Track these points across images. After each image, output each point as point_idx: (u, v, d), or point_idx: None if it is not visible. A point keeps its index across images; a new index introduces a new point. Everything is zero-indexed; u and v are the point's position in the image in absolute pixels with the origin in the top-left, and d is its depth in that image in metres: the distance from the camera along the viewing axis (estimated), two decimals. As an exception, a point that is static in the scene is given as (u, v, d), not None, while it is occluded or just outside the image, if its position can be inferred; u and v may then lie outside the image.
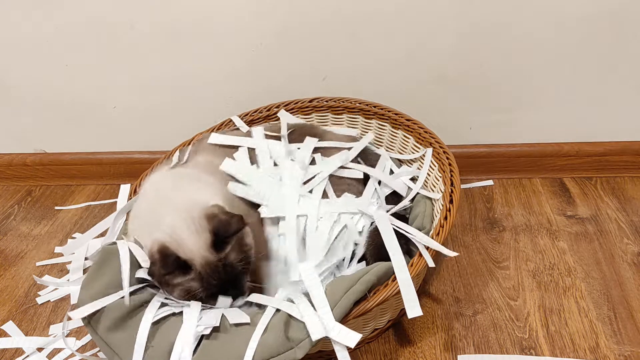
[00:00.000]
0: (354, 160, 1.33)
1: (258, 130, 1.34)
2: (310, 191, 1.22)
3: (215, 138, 1.32)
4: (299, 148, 1.32)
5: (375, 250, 1.15)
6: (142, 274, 1.06)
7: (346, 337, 0.93)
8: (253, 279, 1.08)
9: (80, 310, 0.98)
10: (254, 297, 1.04)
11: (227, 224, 1.02)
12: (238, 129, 1.46)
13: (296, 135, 1.36)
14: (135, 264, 1.08)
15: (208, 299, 1.03)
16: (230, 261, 1.01)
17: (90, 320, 1.00)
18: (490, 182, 1.63)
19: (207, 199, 1.08)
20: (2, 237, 1.58)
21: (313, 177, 1.25)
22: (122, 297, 1.02)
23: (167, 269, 1.01)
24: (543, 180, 1.63)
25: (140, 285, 1.06)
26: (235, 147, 1.31)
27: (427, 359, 1.12)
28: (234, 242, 1.03)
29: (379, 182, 1.32)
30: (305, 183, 1.23)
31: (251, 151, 1.30)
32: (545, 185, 1.61)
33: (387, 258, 1.08)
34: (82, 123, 1.71)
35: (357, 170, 1.29)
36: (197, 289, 1.01)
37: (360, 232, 1.18)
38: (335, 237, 1.15)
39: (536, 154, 1.62)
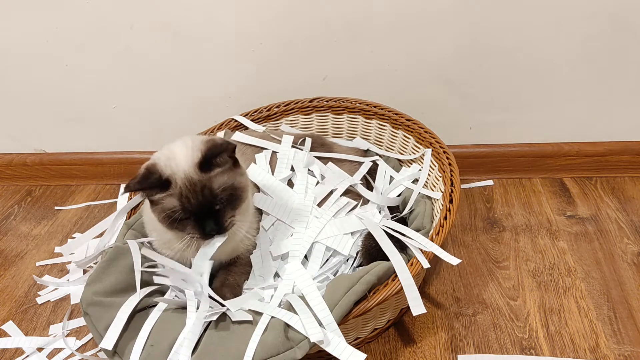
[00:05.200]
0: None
1: (288, 139, 1.36)
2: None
3: (240, 137, 1.36)
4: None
5: (367, 254, 1.16)
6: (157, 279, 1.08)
7: (351, 357, 0.92)
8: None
9: (106, 339, 0.98)
10: (251, 304, 1.04)
11: (219, 145, 1.03)
12: (240, 128, 1.47)
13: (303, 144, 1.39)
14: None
15: (191, 227, 1.03)
16: (211, 185, 1.02)
17: (92, 317, 1.01)
18: (490, 182, 1.63)
19: None
20: (2, 237, 1.58)
21: (327, 193, 1.28)
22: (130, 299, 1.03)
23: (143, 184, 1.01)
24: (543, 180, 1.63)
25: (150, 289, 1.06)
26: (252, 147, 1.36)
27: (428, 359, 1.11)
28: (221, 169, 1.03)
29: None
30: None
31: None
32: (545, 185, 1.61)
33: (378, 258, 1.08)
34: (82, 123, 1.71)
35: (359, 189, 1.32)
36: (175, 206, 1.01)
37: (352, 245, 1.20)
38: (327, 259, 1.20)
39: (536, 154, 1.62)
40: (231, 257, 1.18)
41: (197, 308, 1.02)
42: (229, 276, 1.16)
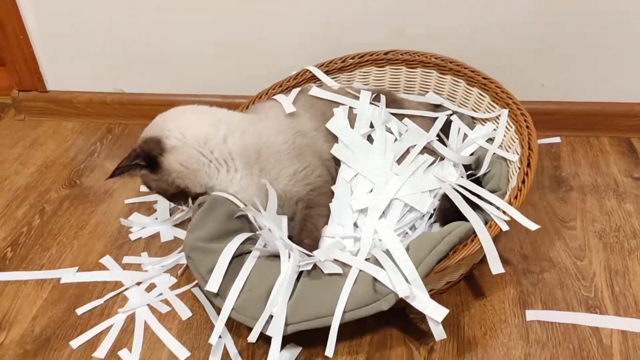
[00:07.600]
0: None
1: (366, 95, 1.39)
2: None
3: (318, 92, 1.42)
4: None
5: (442, 215, 1.22)
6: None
7: (434, 312, 1.00)
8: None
9: (211, 282, 1.08)
10: (339, 255, 1.11)
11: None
12: (312, 80, 1.52)
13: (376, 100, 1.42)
14: (232, 215, 1.18)
15: None
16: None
17: (194, 261, 1.11)
18: (557, 139, 1.65)
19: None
20: (90, 174, 1.67)
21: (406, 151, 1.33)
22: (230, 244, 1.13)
23: None
24: (611, 139, 1.64)
25: (246, 236, 1.16)
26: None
27: (497, 312, 1.19)
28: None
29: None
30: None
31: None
32: (613, 145, 1.62)
33: (454, 219, 1.14)
34: (160, 65, 1.77)
35: (435, 145, 1.35)
36: None
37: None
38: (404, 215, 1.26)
39: (607, 113, 1.62)
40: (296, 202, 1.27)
41: (289, 257, 1.11)
42: (306, 221, 1.24)
